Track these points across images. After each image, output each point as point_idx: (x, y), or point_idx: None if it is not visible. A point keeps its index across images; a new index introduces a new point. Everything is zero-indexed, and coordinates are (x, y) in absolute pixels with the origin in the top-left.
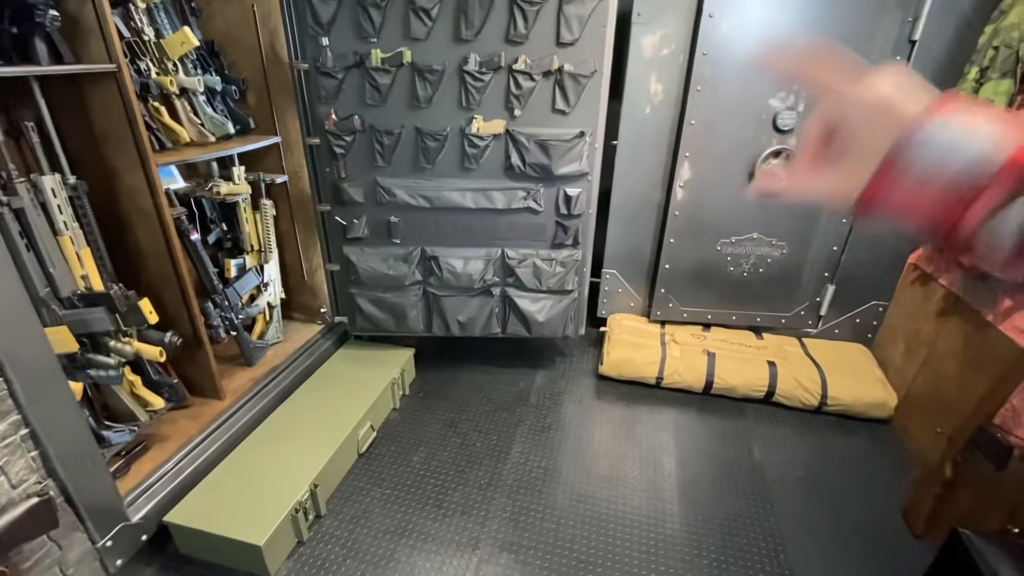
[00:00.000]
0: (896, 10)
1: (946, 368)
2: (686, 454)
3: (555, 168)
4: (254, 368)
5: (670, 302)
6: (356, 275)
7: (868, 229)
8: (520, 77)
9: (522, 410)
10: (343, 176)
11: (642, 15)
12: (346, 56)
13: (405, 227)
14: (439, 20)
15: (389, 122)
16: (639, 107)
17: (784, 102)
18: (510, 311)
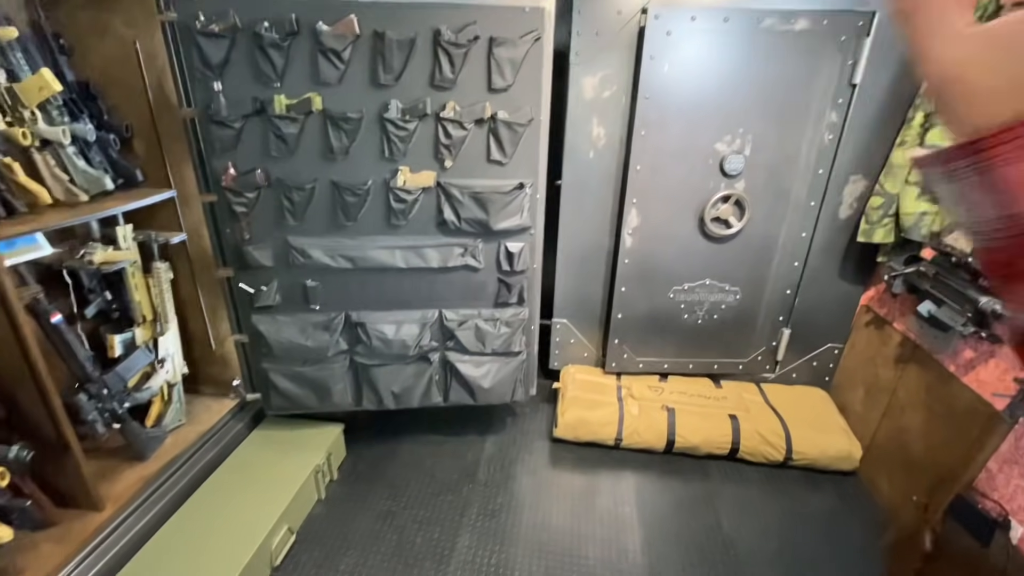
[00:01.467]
0: (836, 54)
1: (910, 420)
2: (652, 531)
3: (494, 223)
4: (147, 463)
5: (624, 352)
6: (268, 348)
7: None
8: (449, 125)
9: (469, 489)
10: (246, 238)
11: (580, 55)
12: (244, 103)
13: (325, 291)
14: (353, 63)
15: (299, 176)
16: (582, 151)
17: (730, 146)
18: (452, 378)
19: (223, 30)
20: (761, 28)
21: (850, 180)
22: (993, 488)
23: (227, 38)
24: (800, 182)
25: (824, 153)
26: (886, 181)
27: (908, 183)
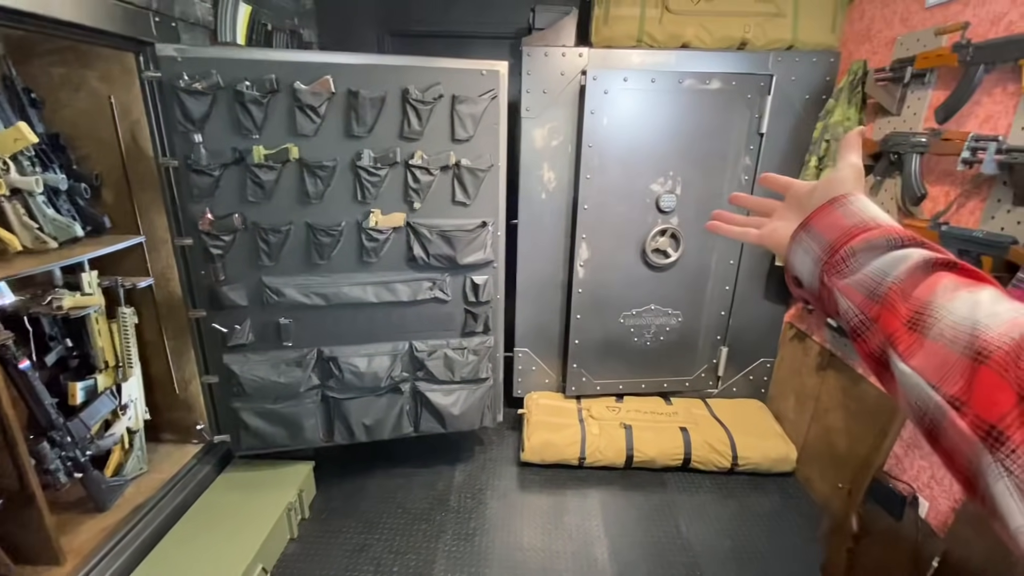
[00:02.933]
0: (745, 109)
1: (832, 420)
2: (617, 542)
3: (460, 258)
4: (108, 514)
5: (583, 376)
6: (240, 387)
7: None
8: (418, 172)
9: (442, 517)
10: (221, 279)
11: (530, 110)
12: (223, 153)
13: (297, 328)
14: (328, 117)
15: (275, 219)
16: (535, 193)
17: (664, 186)
18: (422, 407)
19: (206, 88)
20: (683, 87)
21: None
22: (902, 470)
23: (209, 95)
24: None
25: (742, 191)
26: None
27: None
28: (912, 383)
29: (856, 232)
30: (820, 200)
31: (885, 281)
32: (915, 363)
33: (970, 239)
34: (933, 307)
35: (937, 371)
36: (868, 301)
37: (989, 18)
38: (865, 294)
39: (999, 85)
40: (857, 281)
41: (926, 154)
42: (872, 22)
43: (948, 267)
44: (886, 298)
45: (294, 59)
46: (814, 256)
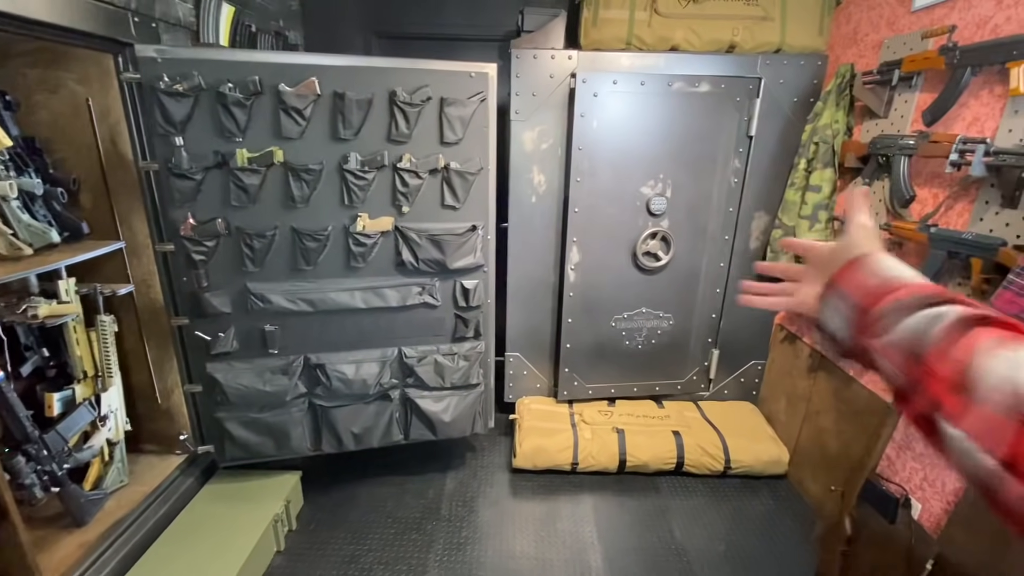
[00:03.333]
0: (734, 112)
1: (824, 422)
2: (611, 548)
3: (450, 262)
4: (87, 529)
5: (575, 380)
6: (224, 396)
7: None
8: (406, 175)
9: (433, 526)
10: (204, 285)
11: (520, 112)
12: (205, 157)
13: (283, 335)
14: (314, 120)
15: (260, 224)
16: (525, 196)
17: (654, 189)
18: (412, 414)
19: (187, 90)
20: (672, 90)
21: (755, 216)
22: (894, 472)
23: (190, 97)
24: (715, 219)
25: (732, 194)
26: (783, 215)
27: (800, 217)
28: (963, 448)
29: (882, 293)
30: (841, 261)
31: (923, 342)
32: (964, 426)
33: (959, 241)
34: (974, 368)
35: (987, 435)
36: (908, 363)
37: (975, 21)
38: (904, 355)
39: (985, 88)
40: (893, 342)
41: (914, 156)
42: (859, 25)
43: (984, 323)
44: (926, 360)
45: (278, 60)
46: (845, 317)
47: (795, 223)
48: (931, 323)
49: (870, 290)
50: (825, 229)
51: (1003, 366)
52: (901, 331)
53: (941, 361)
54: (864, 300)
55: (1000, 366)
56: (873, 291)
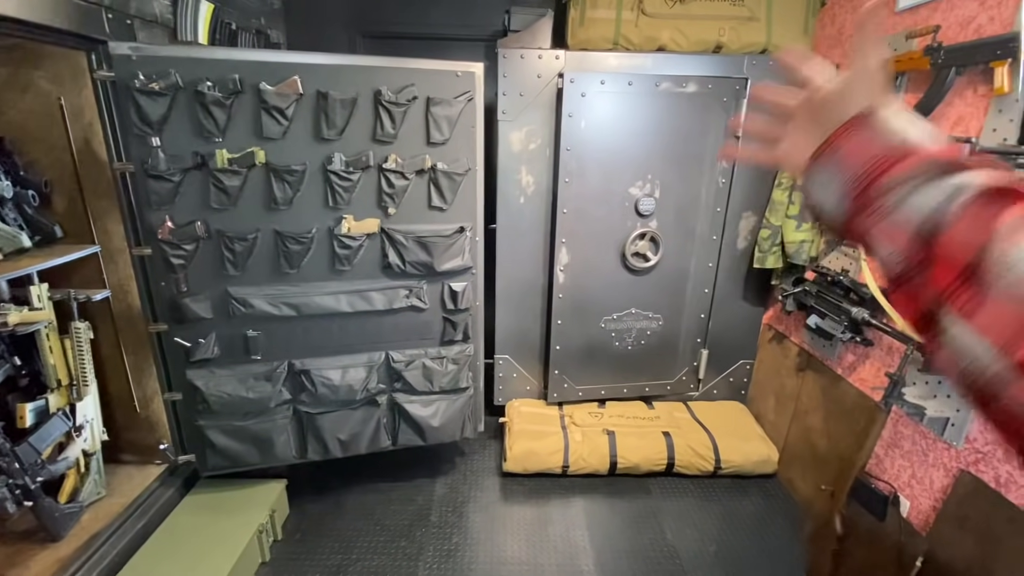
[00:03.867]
0: (721, 112)
1: (812, 421)
2: (603, 551)
3: (437, 265)
4: (63, 544)
5: (565, 382)
6: (205, 403)
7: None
8: (392, 176)
9: (423, 533)
10: (183, 290)
11: (507, 113)
12: (183, 157)
13: (267, 340)
14: (296, 120)
15: (241, 226)
16: (513, 197)
17: (642, 190)
18: (400, 419)
19: (163, 88)
20: (659, 90)
21: (742, 216)
22: (883, 470)
23: (167, 96)
24: (703, 219)
25: (720, 194)
26: (771, 215)
27: (788, 217)
28: (967, 345)
29: (889, 163)
30: (838, 118)
31: (937, 221)
32: (975, 323)
33: None
34: (995, 255)
35: (1001, 333)
36: (914, 246)
37: (958, 22)
38: (910, 237)
39: (970, 87)
40: (898, 222)
41: None
42: (843, 26)
43: (1012, 197)
44: (938, 243)
45: (259, 59)
46: (839, 190)
47: (782, 223)
48: (949, 198)
49: (873, 159)
50: (812, 228)
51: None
52: (908, 209)
53: (955, 245)
54: (866, 171)
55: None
56: (876, 160)
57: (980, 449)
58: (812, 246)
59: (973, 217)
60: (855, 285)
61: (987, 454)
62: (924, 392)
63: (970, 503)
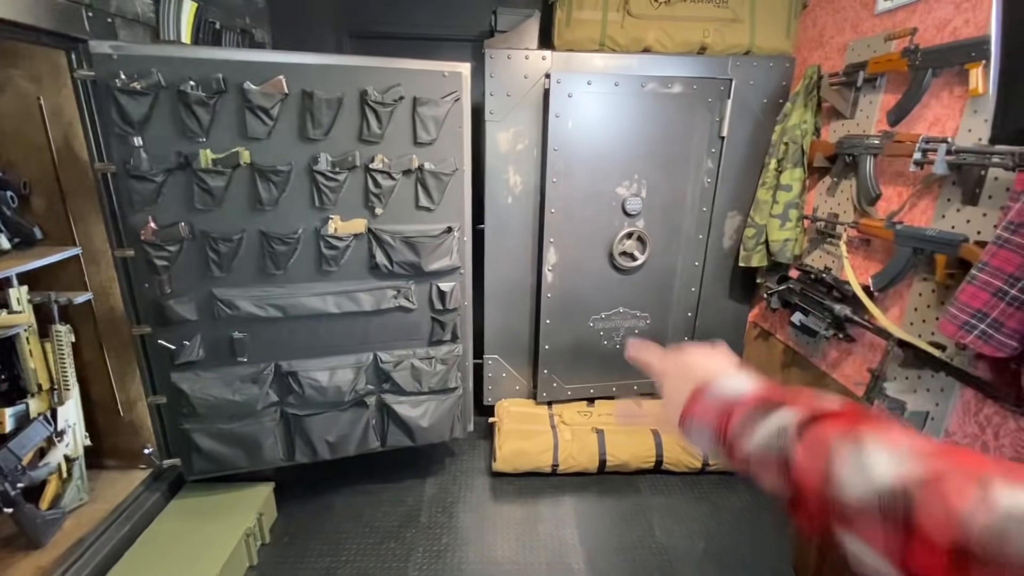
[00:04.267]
0: (706, 112)
1: None
2: (593, 549)
3: (425, 265)
4: (44, 551)
5: (554, 382)
6: (190, 407)
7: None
8: (379, 176)
9: (413, 534)
10: (167, 292)
11: (494, 113)
12: (166, 157)
13: (253, 342)
14: (281, 119)
15: (226, 227)
16: (501, 197)
17: (629, 190)
18: (389, 420)
19: (145, 88)
20: (645, 91)
21: (728, 215)
22: None
23: (149, 95)
24: (689, 219)
25: (705, 194)
26: (755, 215)
27: (772, 216)
28: (864, 556)
29: (727, 418)
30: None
31: (781, 457)
32: (857, 536)
33: (923, 238)
34: (835, 478)
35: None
36: (783, 478)
37: (935, 24)
38: (776, 471)
39: (946, 88)
40: (761, 461)
41: (879, 156)
42: (824, 28)
43: (819, 421)
44: (794, 474)
45: (243, 58)
46: (710, 442)
47: (766, 222)
48: (778, 438)
49: (717, 417)
50: (796, 227)
51: (851, 470)
52: (757, 450)
53: (806, 475)
54: (716, 429)
55: (851, 473)
56: (719, 417)
57: (959, 443)
58: (796, 244)
59: (805, 449)
60: (837, 282)
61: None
62: (904, 387)
63: None
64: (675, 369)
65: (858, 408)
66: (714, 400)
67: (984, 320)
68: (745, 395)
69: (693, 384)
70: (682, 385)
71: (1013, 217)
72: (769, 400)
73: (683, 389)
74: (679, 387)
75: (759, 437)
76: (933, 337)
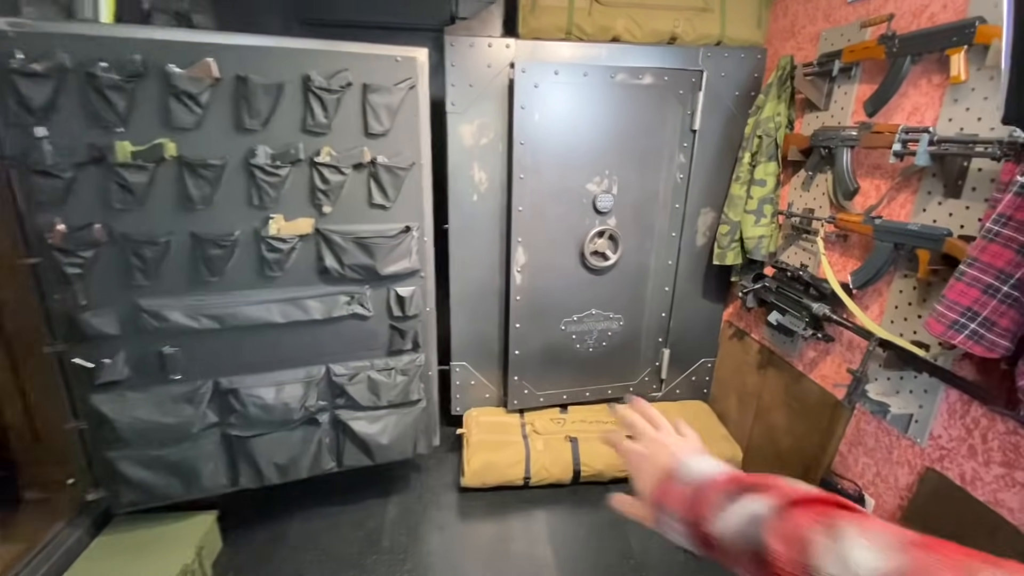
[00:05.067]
0: (678, 105)
1: (775, 419)
2: (567, 567)
3: (381, 268)
4: None
5: (525, 388)
6: (114, 432)
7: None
8: (326, 170)
9: (374, 560)
10: (83, 304)
11: (456, 104)
12: (76, 150)
13: (186, 357)
14: (212, 108)
15: (150, 229)
16: (465, 195)
17: (600, 186)
18: (345, 438)
19: (47, 70)
20: (615, 82)
21: (701, 212)
22: (846, 468)
23: (53, 78)
24: (661, 216)
25: (678, 190)
26: (729, 211)
27: (746, 212)
28: None
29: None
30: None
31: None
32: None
33: (905, 232)
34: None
35: None
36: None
37: (911, 10)
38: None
39: (924, 76)
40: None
41: (856, 148)
42: (796, 18)
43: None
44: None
45: (165, 37)
46: (682, 533)
47: (741, 218)
48: (751, 526)
49: (686, 501)
50: (771, 223)
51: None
52: (730, 538)
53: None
54: (685, 515)
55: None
56: (689, 502)
57: (944, 446)
58: (770, 241)
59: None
60: (815, 280)
61: (951, 451)
62: (887, 388)
63: (936, 501)
64: (646, 454)
65: (831, 496)
66: (684, 484)
67: (975, 319)
68: (715, 477)
69: (661, 470)
70: (652, 471)
71: (1002, 209)
72: (740, 482)
73: (653, 475)
74: (649, 473)
75: (731, 524)
76: (916, 336)
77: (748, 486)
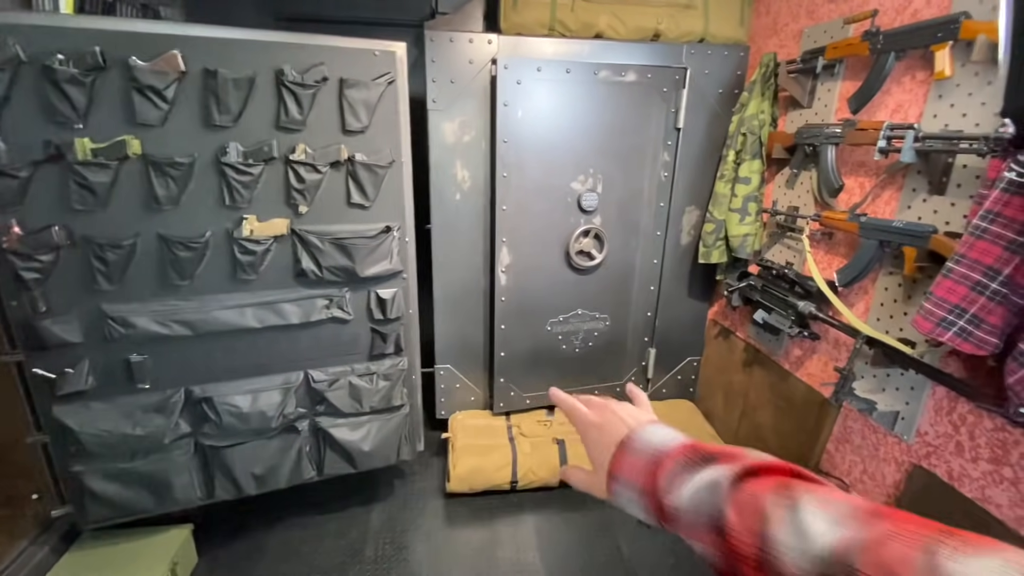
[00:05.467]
0: (661, 103)
1: (762, 417)
2: (557, 573)
3: (361, 270)
4: None
5: (511, 390)
6: (79, 445)
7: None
8: (301, 169)
9: (358, 571)
10: (42, 310)
11: (437, 101)
12: (32, 148)
13: (156, 365)
14: (179, 103)
15: (114, 231)
16: (448, 194)
17: (584, 185)
18: (326, 446)
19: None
20: (599, 79)
21: (686, 211)
22: (833, 465)
23: (6, 71)
24: (646, 215)
25: (662, 188)
26: (714, 209)
27: (731, 210)
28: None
29: (653, 471)
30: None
31: (714, 515)
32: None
33: (890, 230)
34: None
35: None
36: (716, 541)
37: (894, 7)
38: (708, 533)
39: (908, 73)
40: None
41: (841, 145)
42: (778, 15)
43: (749, 475)
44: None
45: (126, 28)
46: (639, 505)
47: (725, 216)
48: (710, 494)
49: (643, 472)
50: (755, 221)
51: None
52: (688, 508)
53: (741, 538)
54: (644, 485)
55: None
56: (646, 470)
57: (931, 443)
58: (755, 239)
59: (738, 508)
60: (800, 278)
61: (938, 448)
62: (874, 386)
63: (923, 498)
64: (598, 423)
65: (790, 465)
66: (640, 454)
67: (963, 316)
68: (673, 446)
69: (617, 438)
70: (606, 441)
71: (990, 206)
72: (698, 452)
73: (608, 445)
74: (603, 443)
75: (689, 493)
76: (902, 333)
77: (706, 455)
